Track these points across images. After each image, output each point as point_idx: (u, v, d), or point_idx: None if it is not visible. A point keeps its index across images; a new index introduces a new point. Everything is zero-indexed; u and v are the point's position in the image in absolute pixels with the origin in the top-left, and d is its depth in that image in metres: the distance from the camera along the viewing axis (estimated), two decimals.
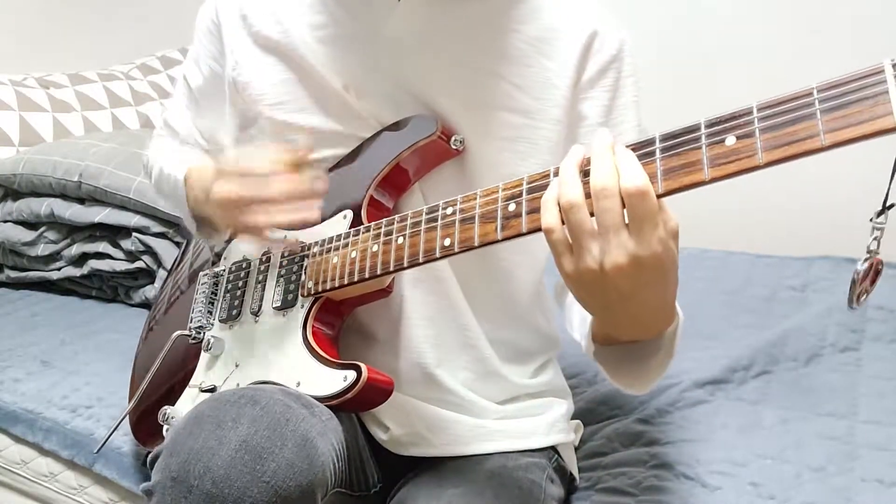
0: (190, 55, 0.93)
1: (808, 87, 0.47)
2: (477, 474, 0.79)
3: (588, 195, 0.53)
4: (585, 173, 0.54)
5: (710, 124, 0.51)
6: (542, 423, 0.87)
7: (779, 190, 1.74)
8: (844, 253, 1.61)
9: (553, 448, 0.88)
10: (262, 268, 0.84)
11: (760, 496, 0.89)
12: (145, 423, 0.90)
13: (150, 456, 0.64)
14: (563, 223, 0.54)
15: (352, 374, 0.70)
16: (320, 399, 0.70)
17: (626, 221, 0.52)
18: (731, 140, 0.49)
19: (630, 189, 0.51)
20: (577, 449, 0.98)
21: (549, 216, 0.55)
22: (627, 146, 0.54)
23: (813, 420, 1.04)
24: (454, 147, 0.77)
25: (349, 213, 0.79)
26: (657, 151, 0.53)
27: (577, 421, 0.99)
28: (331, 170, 0.82)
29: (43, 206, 1.59)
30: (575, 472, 0.93)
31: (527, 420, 0.86)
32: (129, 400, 0.95)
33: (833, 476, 0.91)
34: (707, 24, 1.95)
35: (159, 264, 1.48)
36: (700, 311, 1.43)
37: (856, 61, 0.47)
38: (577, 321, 0.76)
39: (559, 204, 0.54)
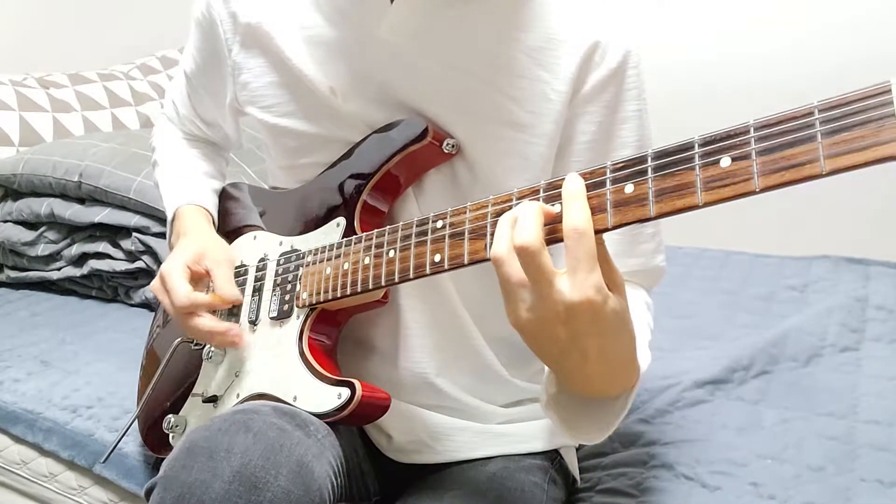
0: (188, 43, 0.92)
1: (809, 105, 0.44)
2: (479, 476, 0.79)
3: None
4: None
5: (705, 143, 0.48)
6: (545, 426, 0.86)
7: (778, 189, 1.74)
8: (844, 253, 1.62)
9: (555, 450, 0.87)
10: (259, 275, 0.84)
11: (760, 496, 0.89)
12: (154, 430, 0.90)
13: (145, 487, 0.63)
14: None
15: (346, 392, 0.69)
16: (315, 415, 0.69)
17: (559, 269, 0.52)
18: (726, 161, 0.46)
19: (568, 230, 0.51)
20: (577, 449, 0.98)
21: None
22: (616, 164, 0.52)
23: (813, 420, 1.04)
24: (446, 151, 0.75)
25: (342, 221, 0.77)
26: (649, 171, 0.50)
27: None
28: (321, 174, 0.82)
29: (43, 206, 1.59)
30: (576, 474, 0.93)
31: (530, 424, 0.86)
32: (138, 404, 0.95)
33: (833, 476, 0.91)
34: (710, 31, 1.95)
35: (159, 264, 1.47)
36: (699, 310, 1.43)
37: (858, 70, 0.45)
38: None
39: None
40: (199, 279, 0.81)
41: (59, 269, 1.59)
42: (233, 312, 0.84)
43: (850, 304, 1.37)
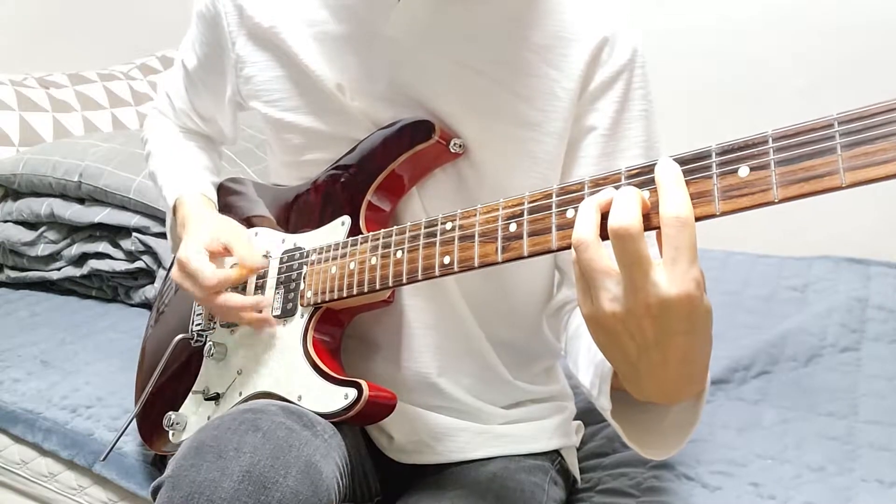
0: (187, 36, 0.92)
1: (828, 116, 0.43)
2: (479, 476, 0.79)
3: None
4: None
5: (723, 151, 0.47)
6: (546, 427, 0.87)
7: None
8: (844, 253, 1.62)
9: (556, 451, 0.88)
10: (261, 272, 0.83)
11: (760, 496, 0.89)
12: (152, 426, 0.89)
13: (152, 486, 0.63)
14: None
15: (353, 393, 0.69)
16: (321, 415, 0.69)
17: (652, 258, 0.48)
18: (744, 171, 0.46)
19: (669, 217, 0.46)
20: (577, 450, 0.98)
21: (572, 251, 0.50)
22: (631, 170, 0.51)
23: (813, 420, 1.04)
24: (453, 150, 0.74)
25: (347, 220, 0.77)
26: None
27: (578, 422, 0.99)
28: (326, 171, 0.81)
29: (43, 206, 1.59)
30: (577, 475, 0.93)
31: (531, 424, 0.86)
32: (136, 402, 0.95)
33: (833, 476, 0.91)
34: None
35: (159, 264, 1.48)
36: None
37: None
38: (584, 363, 0.68)
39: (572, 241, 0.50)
40: (218, 258, 0.81)
41: (59, 269, 1.59)
42: None
43: (850, 304, 1.37)
